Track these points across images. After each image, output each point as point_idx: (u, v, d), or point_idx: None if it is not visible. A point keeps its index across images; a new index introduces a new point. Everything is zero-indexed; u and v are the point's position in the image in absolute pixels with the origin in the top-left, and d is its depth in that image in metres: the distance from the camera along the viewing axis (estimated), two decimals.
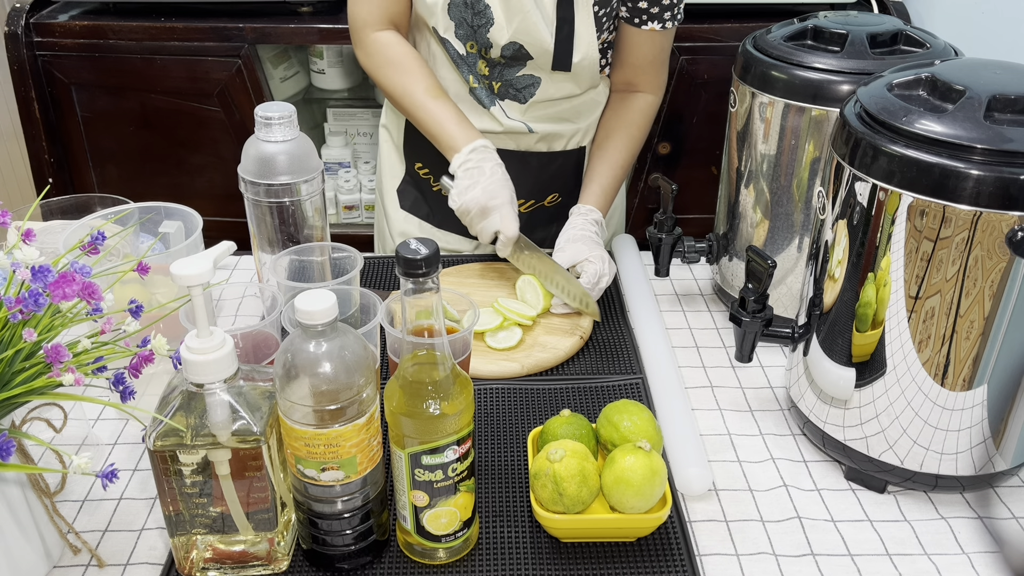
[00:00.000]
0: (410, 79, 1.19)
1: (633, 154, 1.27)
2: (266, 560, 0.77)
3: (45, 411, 0.77)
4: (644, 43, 1.22)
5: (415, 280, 0.66)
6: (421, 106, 1.18)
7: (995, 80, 0.76)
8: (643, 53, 1.23)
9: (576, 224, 1.19)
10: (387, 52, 1.20)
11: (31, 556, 0.75)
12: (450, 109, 1.17)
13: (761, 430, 0.97)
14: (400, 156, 1.36)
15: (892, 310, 0.79)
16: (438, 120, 1.17)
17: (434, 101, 1.18)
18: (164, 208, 1.02)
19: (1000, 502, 0.87)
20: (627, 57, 1.25)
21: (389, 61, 1.20)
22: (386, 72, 1.21)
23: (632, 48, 1.23)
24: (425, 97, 1.18)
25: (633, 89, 1.27)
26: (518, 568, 0.78)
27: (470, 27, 1.16)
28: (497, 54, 1.18)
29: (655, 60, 1.25)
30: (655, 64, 1.25)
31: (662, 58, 1.25)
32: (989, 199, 0.71)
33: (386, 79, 1.22)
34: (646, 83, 1.26)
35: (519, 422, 0.96)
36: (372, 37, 1.21)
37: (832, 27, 1.01)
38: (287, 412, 0.70)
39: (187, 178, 2.04)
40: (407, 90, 1.19)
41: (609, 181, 1.24)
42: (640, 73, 1.26)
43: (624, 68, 1.26)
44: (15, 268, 0.68)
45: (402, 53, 1.20)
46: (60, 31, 1.88)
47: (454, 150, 1.15)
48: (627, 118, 1.27)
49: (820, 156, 1.00)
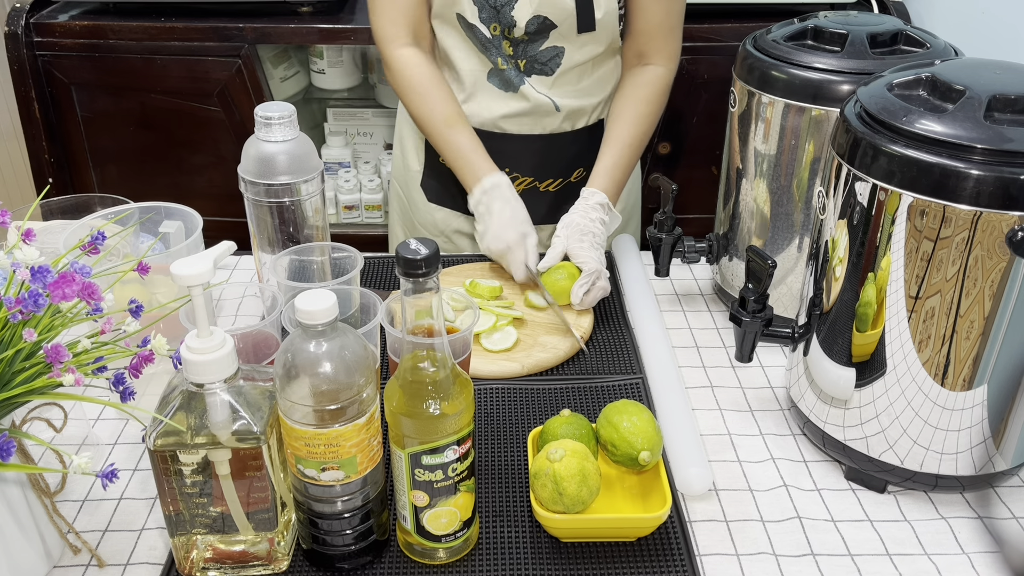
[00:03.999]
0: (428, 106, 1.23)
1: (645, 131, 1.26)
2: (266, 560, 0.77)
3: (45, 411, 0.77)
4: (652, 5, 1.21)
5: (415, 280, 0.66)
6: (439, 135, 1.23)
7: (995, 80, 0.76)
8: (652, 18, 1.22)
9: (579, 209, 1.19)
10: (408, 73, 1.23)
11: (31, 556, 0.75)
12: (466, 140, 1.22)
13: (761, 430, 0.97)
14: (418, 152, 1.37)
15: (892, 310, 0.79)
16: (454, 151, 1.22)
17: (450, 130, 1.22)
18: (164, 208, 1.02)
19: (1000, 502, 0.87)
20: (636, 23, 1.23)
21: (410, 84, 1.23)
22: (408, 96, 1.25)
23: (641, 11, 1.22)
24: (443, 127, 1.22)
25: (644, 61, 1.26)
26: (518, 568, 0.78)
27: (492, 8, 1.17)
28: (521, 32, 1.18)
29: (663, 25, 1.23)
30: (664, 30, 1.24)
31: (671, 23, 1.24)
32: (989, 199, 0.71)
33: (408, 103, 1.26)
34: (656, 51, 1.25)
35: (519, 422, 0.96)
36: (395, 55, 1.23)
37: (832, 27, 1.01)
38: (287, 412, 0.70)
39: (187, 178, 2.04)
40: (426, 118, 1.24)
41: (616, 160, 1.23)
42: (650, 40, 1.24)
43: (634, 37, 1.25)
44: (15, 268, 0.68)
45: (422, 75, 1.22)
46: (60, 31, 1.88)
47: (469, 187, 1.21)
48: (636, 94, 1.26)
49: (820, 156, 1.00)
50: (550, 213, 1.28)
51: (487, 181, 1.19)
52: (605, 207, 1.19)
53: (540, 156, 1.27)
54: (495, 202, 1.18)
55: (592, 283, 1.10)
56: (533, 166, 1.29)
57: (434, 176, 1.35)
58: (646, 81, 1.25)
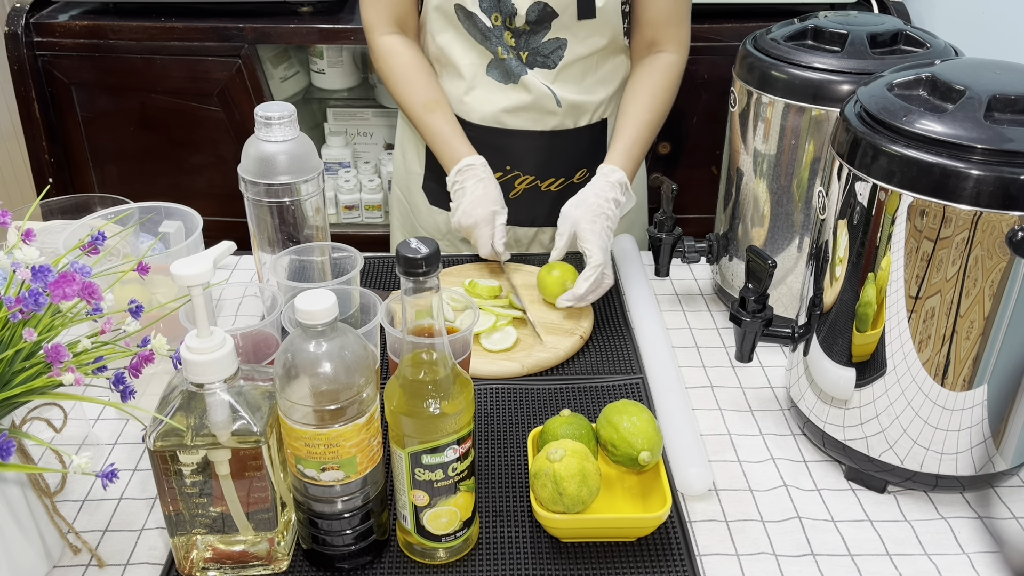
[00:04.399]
0: (411, 91, 1.26)
1: (660, 114, 1.25)
2: (266, 560, 0.77)
3: (45, 411, 0.77)
4: None
5: (415, 280, 0.66)
6: (420, 119, 1.26)
7: (995, 80, 0.76)
8: (661, 6, 1.22)
9: (595, 187, 1.17)
10: (391, 61, 1.26)
11: (31, 556, 0.75)
12: (444, 123, 1.24)
13: (761, 430, 0.97)
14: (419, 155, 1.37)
15: (892, 310, 0.79)
16: (433, 134, 1.25)
17: (431, 115, 1.25)
18: (164, 208, 1.02)
19: (1000, 502, 0.87)
20: (646, 12, 1.23)
21: (393, 71, 1.26)
22: (391, 81, 1.28)
23: (649, 1, 1.22)
24: (423, 112, 1.25)
25: (656, 49, 1.26)
26: (518, 568, 0.78)
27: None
28: (522, 21, 1.18)
29: (673, 14, 1.23)
30: (673, 19, 1.24)
31: (680, 12, 1.24)
32: (989, 199, 0.71)
33: (391, 88, 1.29)
34: (667, 39, 1.25)
35: (519, 422, 0.96)
36: (379, 42, 1.26)
37: (832, 27, 1.01)
38: (287, 412, 0.70)
39: (187, 178, 2.04)
40: (408, 102, 1.26)
41: (634, 139, 1.22)
42: (660, 29, 1.24)
43: (643, 27, 1.25)
44: (15, 268, 0.68)
45: (404, 63, 1.25)
46: (60, 31, 1.88)
47: (448, 168, 1.24)
48: (651, 80, 1.25)
49: (820, 156, 1.00)
50: (551, 214, 1.27)
51: (463, 162, 1.22)
52: (623, 187, 1.18)
53: (542, 153, 1.27)
54: (468, 181, 1.21)
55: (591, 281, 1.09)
56: (535, 164, 1.29)
57: (436, 179, 1.35)
58: (660, 67, 1.25)
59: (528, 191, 1.31)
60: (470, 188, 1.20)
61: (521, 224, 1.33)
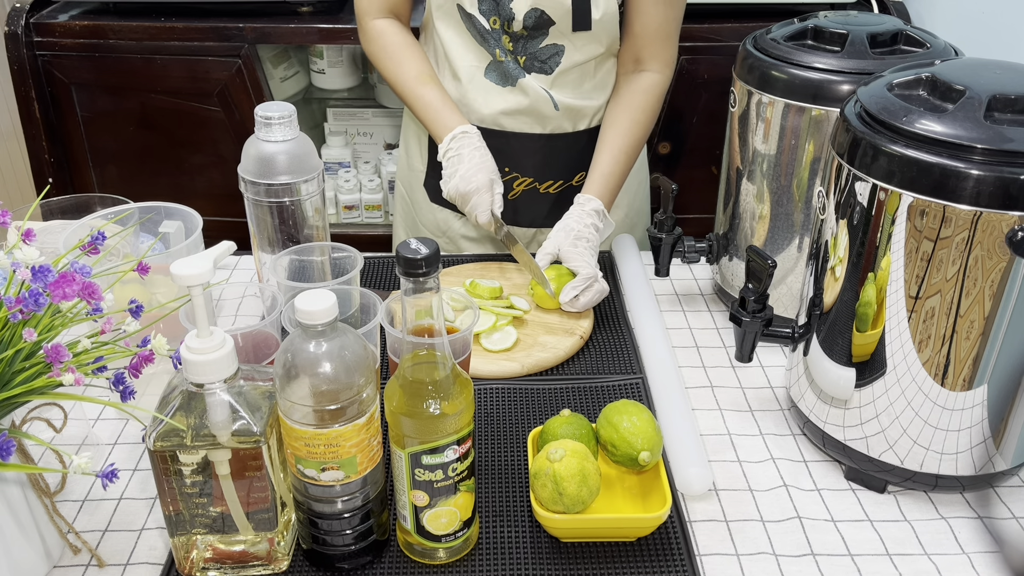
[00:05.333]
0: (402, 67, 1.25)
1: (639, 138, 1.26)
2: (266, 560, 0.77)
3: (45, 411, 0.77)
4: (650, 9, 1.21)
5: (415, 280, 0.66)
6: (411, 93, 1.24)
7: (995, 80, 0.76)
8: (650, 21, 1.22)
9: (573, 215, 1.19)
10: (382, 40, 1.26)
11: (31, 556, 0.75)
12: (436, 95, 1.23)
13: (761, 430, 0.97)
14: (422, 152, 1.37)
15: (892, 310, 0.79)
16: (424, 106, 1.23)
17: (423, 87, 1.23)
18: (164, 208, 1.02)
19: (1000, 502, 0.87)
20: (634, 25, 1.23)
21: (384, 50, 1.26)
22: (382, 61, 1.27)
23: (638, 14, 1.22)
24: (415, 84, 1.24)
25: (640, 68, 1.25)
26: (518, 568, 0.78)
27: (492, 0, 1.17)
28: (520, 26, 1.18)
29: (660, 30, 1.23)
30: (661, 35, 1.23)
31: (668, 29, 1.23)
32: (989, 199, 0.71)
33: (382, 68, 1.28)
34: (652, 57, 1.24)
35: (519, 422, 0.96)
36: (371, 25, 1.27)
37: (832, 27, 1.01)
38: (287, 412, 0.70)
39: (187, 178, 2.04)
40: (399, 78, 1.25)
41: (612, 168, 1.23)
42: (646, 45, 1.23)
43: (631, 40, 1.24)
44: (15, 268, 0.68)
45: (396, 42, 1.25)
46: (60, 31, 1.88)
47: (439, 137, 1.22)
48: (632, 101, 1.25)
49: (820, 156, 1.00)
50: (550, 216, 1.27)
51: (458, 128, 1.20)
52: (600, 214, 1.19)
53: (540, 156, 1.27)
54: (465, 148, 1.19)
55: (588, 287, 1.10)
56: (533, 166, 1.29)
57: (437, 176, 1.35)
58: (642, 88, 1.25)
59: (527, 192, 1.31)
60: (467, 155, 1.19)
61: (520, 225, 1.34)
